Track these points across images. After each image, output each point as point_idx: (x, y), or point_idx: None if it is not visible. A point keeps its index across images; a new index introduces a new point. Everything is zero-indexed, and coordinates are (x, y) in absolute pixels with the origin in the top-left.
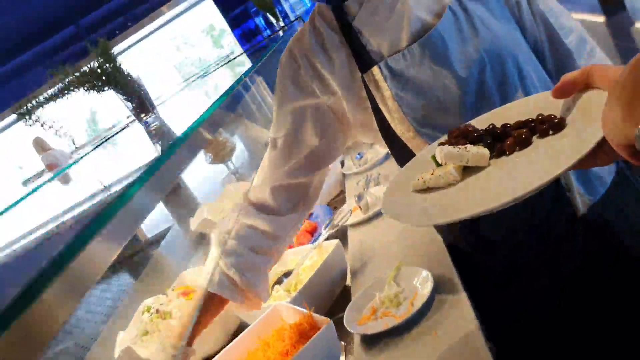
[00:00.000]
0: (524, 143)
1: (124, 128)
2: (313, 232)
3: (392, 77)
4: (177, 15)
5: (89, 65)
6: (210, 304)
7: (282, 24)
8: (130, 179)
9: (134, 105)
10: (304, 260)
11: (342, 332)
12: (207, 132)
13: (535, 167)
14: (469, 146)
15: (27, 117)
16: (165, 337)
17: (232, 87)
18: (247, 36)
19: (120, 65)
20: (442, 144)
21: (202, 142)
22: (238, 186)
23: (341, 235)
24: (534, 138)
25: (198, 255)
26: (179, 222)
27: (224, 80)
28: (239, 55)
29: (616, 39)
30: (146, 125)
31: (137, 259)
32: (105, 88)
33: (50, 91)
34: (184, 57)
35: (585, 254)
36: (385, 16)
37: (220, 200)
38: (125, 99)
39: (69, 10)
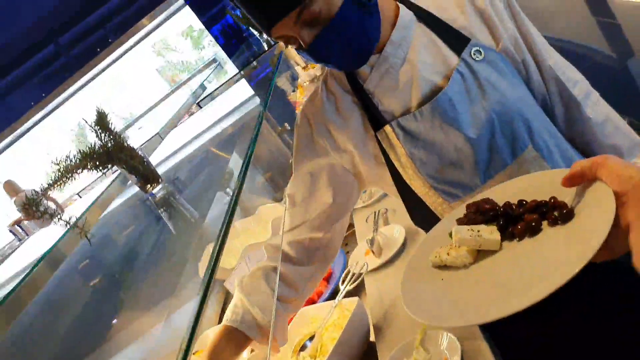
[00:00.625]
0: (534, 230)
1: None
2: (328, 279)
3: (404, 135)
4: (158, 26)
5: (90, 144)
6: (229, 344)
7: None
8: None
9: (138, 178)
10: (325, 321)
11: None
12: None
13: (546, 265)
14: (482, 229)
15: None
16: None
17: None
18: (225, 33)
19: (123, 141)
20: (459, 220)
21: None
22: (244, 224)
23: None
24: (544, 224)
25: (212, 307)
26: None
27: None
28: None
29: (596, 15)
30: (152, 196)
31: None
32: (109, 166)
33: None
34: (165, 62)
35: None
36: (395, 79)
37: (229, 239)
38: (129, 173)
39: (47, 30)
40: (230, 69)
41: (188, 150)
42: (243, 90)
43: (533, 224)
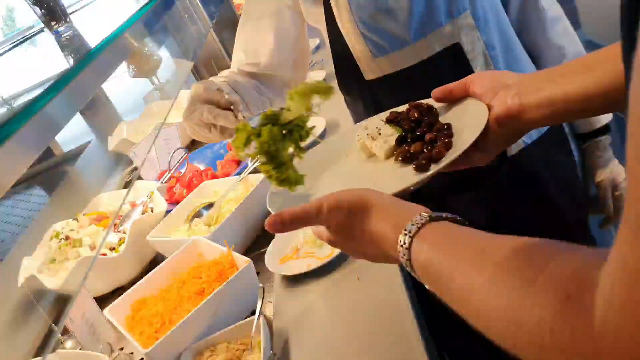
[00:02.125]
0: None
1: (37, 33)
2: (239, 162)
3: None
4: None
5: None
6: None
7: None
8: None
9: (43, 11)
10: (227, 192)
11: (263, 270)
12: (131, 43)
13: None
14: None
15: None
16: None
17: None
18: None
19: None
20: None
21: (123, 54)
22: (161, 105)
23: None
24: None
25: (114, 179)
26: (98, 138)
27: None
28: None
29: None
30: (57, 34)
31: (51, 175)
32: None
33: None
34: None
35: (509, 192)
36: None
37: (141, 119)
38: (32, 3)
39: None
40: None
41: None
42: None
43: (423, 161)
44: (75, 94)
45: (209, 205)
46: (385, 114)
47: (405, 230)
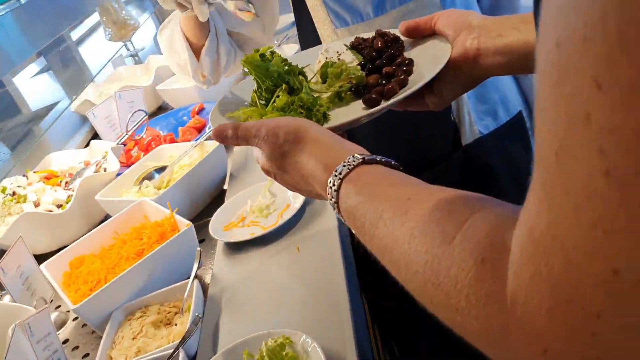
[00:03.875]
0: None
1: None
2: (201, 130)
3: None
4: None
5: None
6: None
7: None
8: None
9: None
10: (181, 157)
11: (209, 237)
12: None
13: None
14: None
15: None
16: None
17: None
18: None
19: None
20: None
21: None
22: (130, 70)
23: None
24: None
25: (74, 140)
26: (65, 99)
27: None
28: None
29: None
30: None
31: (16, 132)
32: None
33: None
34: None
35: (461, 182)
36: None
37: (108, 82)
38: None
39: None
40: None
41: None
42: None
43: (373, 96)
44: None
45: (162, 169)
46: (351, 38)
47: (335, 171)
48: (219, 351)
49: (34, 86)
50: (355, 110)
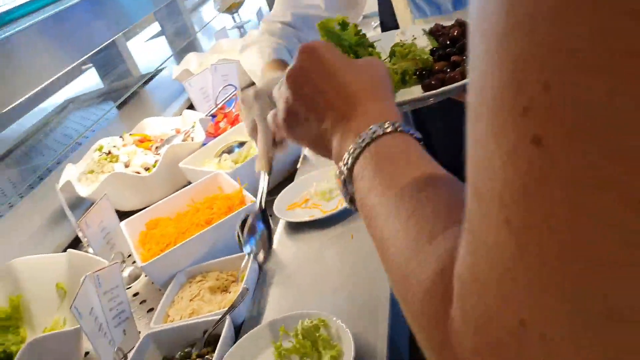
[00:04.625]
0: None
1: None
2: None
3: None
4: None
5: None
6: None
7: None
8: None
9: None
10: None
11: (274, 215)
12: None
13: None
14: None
15: None
16: None
17: None
18: None
19: None
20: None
21: None
22: (230, 43)
23: None
24: None
25: (172, 107)
26: (170, 66)
27: None
28: None
29: None
30: None
31: (122, 93)
32: None
33: None
34: None
35: None
36: None
37: (209, 53)
38: None
39: None
40: None
41: None
42: None
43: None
44: None
45: (242, 144)
46: (431, 23)
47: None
48: (261, 323)
49: (145, 50)
50: (411, 91)
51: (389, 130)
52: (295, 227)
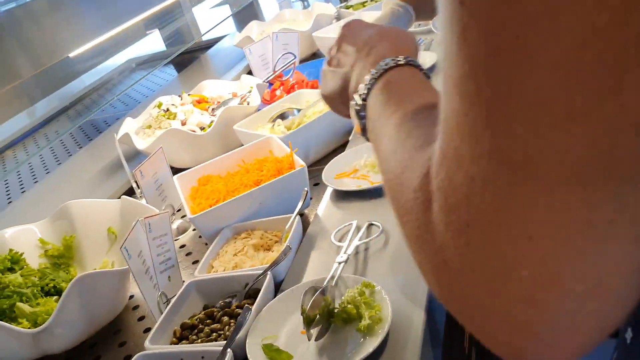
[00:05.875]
0: None
1: None
2: None
3: None
4: None
5: None
6: None
7: None
8: None
9: None
10: (315, 103)
11: (322, 182)
12: None
13: None
14: None
15: None
16: None
17: None
18: None
19: None
20: None
21: None
22: (293, 13)
23: None
24: None
25: (230, 73)
26: (232, 33)
27: None
28: None
29: None
30: None
31: (185, 57)
32: None
33: None
34: None
35: None
36: None
37: (272, 22)
38: None
39: None
40: None
41: None
42: None
43: None
44: None
45: (297, 111)
46: None
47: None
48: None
49: (210, 17)
50: None
51: (401, 62)
52: (342, 196)
